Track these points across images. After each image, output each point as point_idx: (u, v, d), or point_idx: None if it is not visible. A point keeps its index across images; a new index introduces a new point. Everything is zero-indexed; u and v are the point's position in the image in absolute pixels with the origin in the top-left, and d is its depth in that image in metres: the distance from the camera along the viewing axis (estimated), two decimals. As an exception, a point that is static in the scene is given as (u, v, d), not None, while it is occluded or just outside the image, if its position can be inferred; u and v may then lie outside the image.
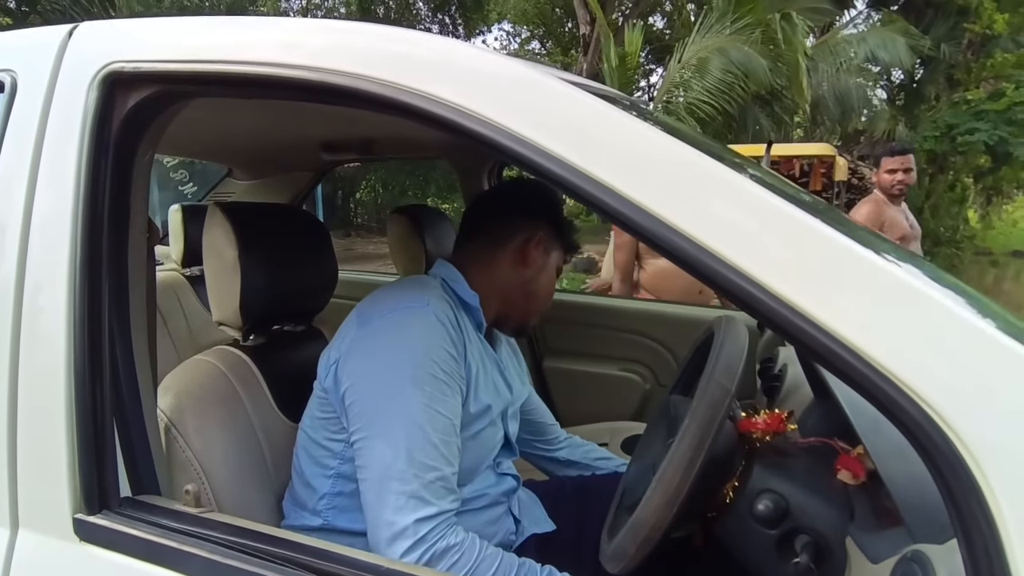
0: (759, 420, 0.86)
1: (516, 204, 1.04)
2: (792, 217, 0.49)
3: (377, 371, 0.82)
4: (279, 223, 1.07)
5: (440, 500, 0.78)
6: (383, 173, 13.68)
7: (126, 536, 0.60)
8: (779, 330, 0.47)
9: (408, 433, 0.79)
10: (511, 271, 1.00)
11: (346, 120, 1.39)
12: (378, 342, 0.84)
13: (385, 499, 0.77)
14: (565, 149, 0.52)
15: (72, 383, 0.63)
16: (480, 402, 0.92)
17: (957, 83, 12.30)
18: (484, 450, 0.96)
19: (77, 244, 0.65)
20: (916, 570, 0.56)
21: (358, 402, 0.83)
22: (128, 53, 0.69)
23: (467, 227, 1.05)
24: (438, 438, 0.80)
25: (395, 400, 0.80)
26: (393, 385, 0.81)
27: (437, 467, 0.79)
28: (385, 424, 0.80)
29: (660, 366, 1.95)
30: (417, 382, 0.80)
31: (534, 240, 1.00)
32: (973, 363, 0.43)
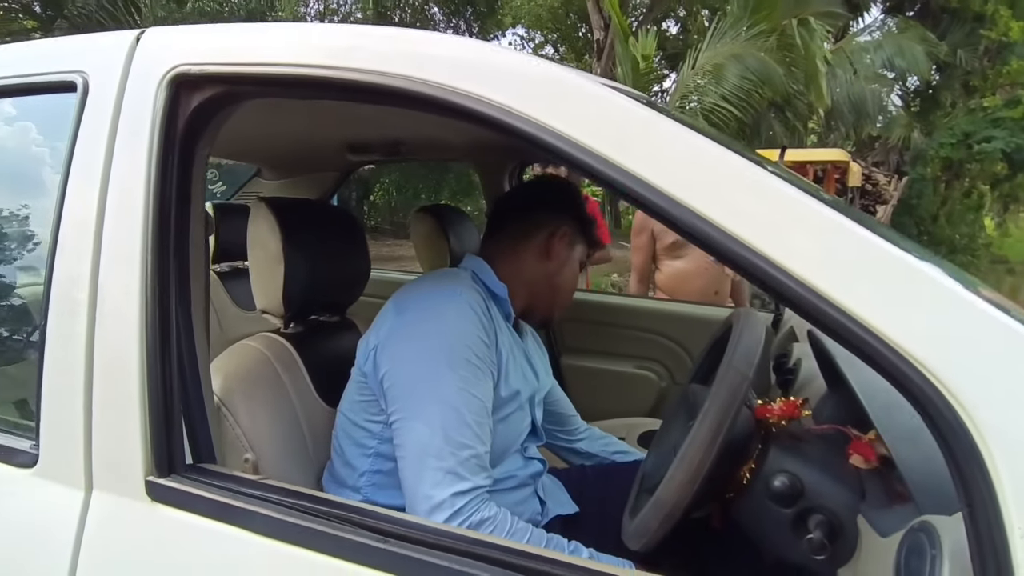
0: (775, 407, 0.91)
1: (540, 201, 1.09)
2: (818, 212, 0.53)
3: (414, 356, 0.88)
4: (319, 218, 1.13)
5: (474, 476, 0.83)
6: (397, 176, 13.80)
7: (195, 497, 0.66)
8: (808, 316, 0.51)
9: (443, 413, 0.83)
10: (537, 264, 1.05)
11: (373, 122, 1.44)
12: (415, 328, 0.90)
13: (423, 475, 0.82)
14: (609, 148, 0.57)
15: (144, 360, 0.69)
16: (510, 387, 0.97)
17: (973, 90, 12.23)
18: (513, 434, 1.01)
19: (148, 233, 0.71)
20: (923, 539, 0.60)
21: (396, 385, 0.88)
22: (194, 56, 0.75)
23: (494, 223, 1.11)
24: (472, 418, 0.85)
25: (431, 382, 0.85)
26: (429, 368, 0.86)
27: (471, 445, 0.84)
28: (422, 405, 0.85)
29: (676, 364, 1.99)
30: (452, 366, 0.85)
31: (558, 234, 1.05)
32: (982, 346, 0.47)
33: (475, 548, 0.58)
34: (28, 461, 0.73)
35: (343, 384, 1.12)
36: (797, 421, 0.89)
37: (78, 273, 0.73)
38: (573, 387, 2.10)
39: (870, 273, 0.51)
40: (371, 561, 0.58)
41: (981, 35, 11.28)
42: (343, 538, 0.59)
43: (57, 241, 0.75)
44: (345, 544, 0.59)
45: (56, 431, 0.72)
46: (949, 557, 0.55)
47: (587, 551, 0.89)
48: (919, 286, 0.50)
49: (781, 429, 0.89)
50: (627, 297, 2.29)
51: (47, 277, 0.75)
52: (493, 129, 0.63)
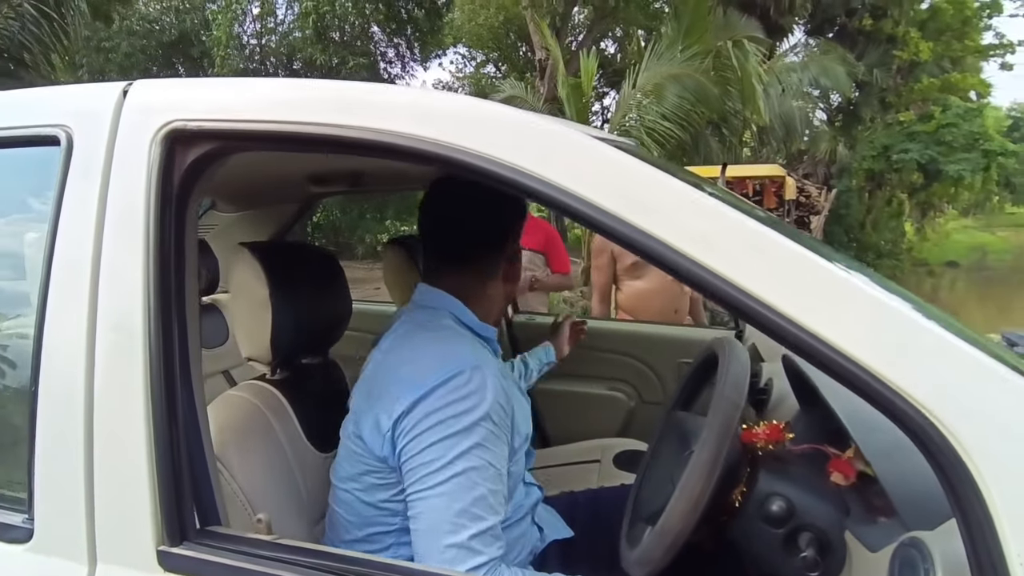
0: (759, 431, 0.96)
1: (478, 243, 1.02)
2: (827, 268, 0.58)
3: (436, 434, 0.84)
4: (302, 260, 1.13)
5: (488, 548, 0.82)
6: (341, 197, 13.60)
7: (211, 564, 0.65)
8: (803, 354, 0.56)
9: (460, 487, 0.82)
10: (501, 290, 1.05)
11: (335, 155, 1.44)
12: (434, 403, 0.85)
13: (436, 551, 0.81)
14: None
15: (151, 423, 0.67)
16: (521, 433, 0.97)
17: (889, 106, 13.16)
18: (522, 466, 1.04)
19: (150, 289, 0.70)
20: (914, 554, 0.65)
21: (412, 461, 0.85)
22: (189, 112, 0.74)
23: (444, 257, 1.04)
24: (488, 489, 0.83)
25: (449, 458, 0.83)
26: (448, 445, 0.83)
27: (486, 518, 0.82)
28: (439, 479, 0.82)
29: (643, 384, 2.06)
30: (471, 440, 0.83)
31: (510, 263, 1.05)
32: (956, 374, 0.53)
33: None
34: (22, 536, 0.70)
35: (330, 428, 1.11)
36: (781, 444, 0.95)
37: (72, 334, 0.71)
38: (544, 411, 2.13)
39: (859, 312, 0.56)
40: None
41: (894, 55, 12.19)
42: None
43: (47, 297, 0.72)
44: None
45: (53, 503, 0.69)
46: (941, 569, 0.60)
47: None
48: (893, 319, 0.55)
49: (766, 452, 0.94)
50: (594, 320, 2.34)
51: (36, 337, 0.72)
52: (489, 180, 0.66)
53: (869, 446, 0.78)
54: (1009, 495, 0.49)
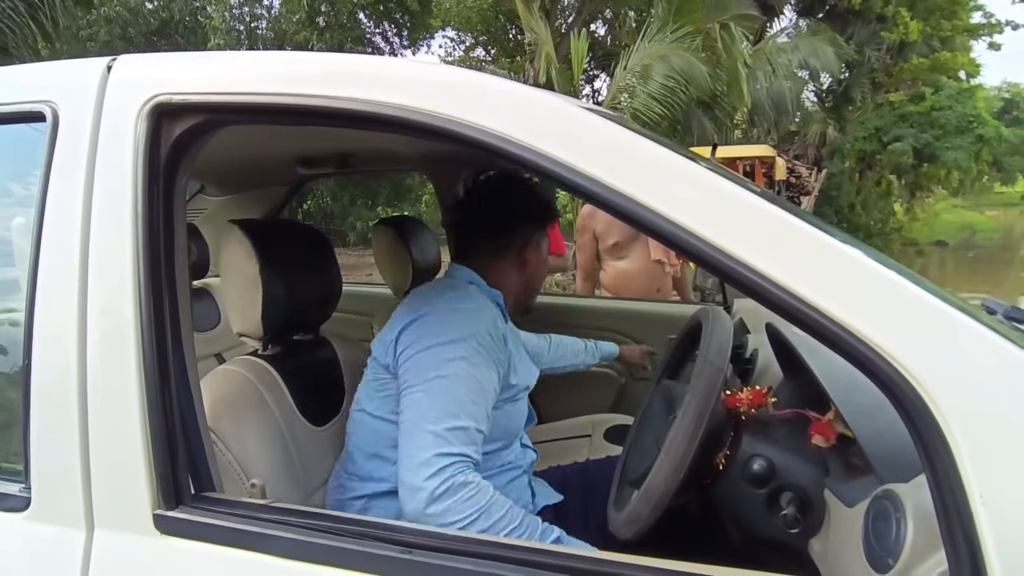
0: (743, 396, 0.98)
1: (498, 220, 1.15)
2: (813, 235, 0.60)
3: (429, 340, 0.96)
4: (292, 237, 1.14)
5: (462, 445, 0.89)
6: (332, 183, 13.52)
7: (208, 526, 0.66)
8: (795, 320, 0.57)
9: (445, 388, 0.92)
10: (513, 275, 1.16)
11: (324, 135, 1.44)
12: (434, 318, 0.99)
13: (415, 437, 0.89)
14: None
15: (144, 389, 0.68)
16: (518, 376, 1.09)
17: (880, 86, 13.16)
18: (519, 417, 1.13)
19: (140, 262, 0.71)
20: (887, 505, 0.68)
21: (408, 363, 0.96)
22: (174, 86, 0.75)
23: (464, 239, 1.18)
24: (469, 397, 0.92)
25: (440, 361, 0.94)
26: (440, 350, 0.95)
27: (463, 420, 0.90)
28: (426, 379, 0.93)
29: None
30: (460, 350, 0.94)
31: (529, 246, 1.15)
32: (935, 333, 0.55)
33: (499, 551, 0.61)
34: (19, 505, 0.71)
35: (324, 402, 1.13)
36: (764, 408, 0.97)
37: (64, 306, 0.72)
38: (536, 388, 2.16)
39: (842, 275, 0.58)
40: (398, 573, 0.60)
41: (884, 35, 12.17)
42: (368, 553, 0.61)
43: (37, 270, 0.73)
44: (370, 559, 0.61)
45: (50, 471, 0.71)
46: (912, 517, 0.63)
47: (556, 532, 0.94)
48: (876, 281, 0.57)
49: (750, 417, 0.97)
50: (584, 298, 2.37)
51: (27, 310, 0.73)
52: (482, 151, 0.67)
53: (848, 406, 0.80)
54: (972, 441, 0.51)
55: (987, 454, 0.51)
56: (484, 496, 0.88)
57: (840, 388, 0.83)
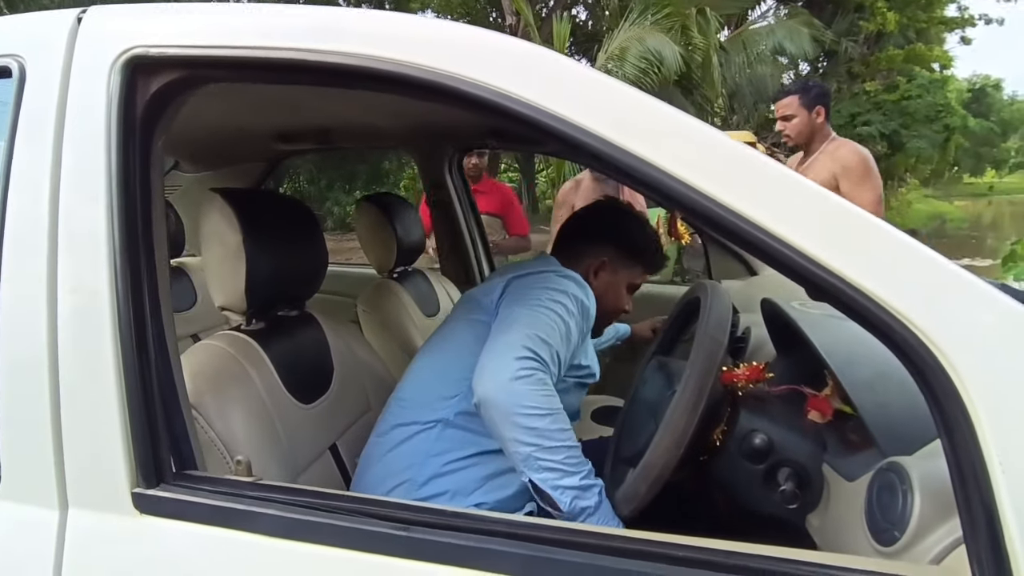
0: (740, 372, 0.97)
1: (583, 231, 1.24)
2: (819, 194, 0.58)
3: (537, 284, 1.04)
4: (276, 208, 1.09)
5: (549, 359, 0.92)
6: (309, 166, 13.27)
7: (190, 505, 0.63)
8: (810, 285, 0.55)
9: (542, 314, 0.96)
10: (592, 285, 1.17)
11: (303, 108, 1.39)
12: (543, 275, 1.07)
13: (509, 333, 0.93)
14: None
15: (121, 362, 0.64)
16: (589, 357, 1.16)
17: (856, 75, 13.31)
18: (576, 399, 1.18)
19: (115, 226, 0.66)
20: (892, 478, 0.67)
21: (510, 297, 1.03)
22: (150, 39, 0.70)
23: (558, 238, 1.26)
24: (559, 333, 0.96)
25: (542, 298, 0.99)
26: (545, 292, 1.01)
27: (552, 343, 0.94)
28: (528, 308, 0.98)
29: None
30: (563, 299, 1.00)
31: (595, 266, 1.19)
32: (951, 295, 0.53)
33: (498, 527, 0.59)
34: (-13, 484, 0.67)
35: (311, 379, 1.09)
36: (761, 384, 0.96)
37: (32, 270, 0.67)
38: None
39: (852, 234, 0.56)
40: (395, 550, 0.57)
41: (861, 25, 12.28)
42: (362, 530, 0.58)
43: (3, 237, 0.68)
44: (365, 537, 0.58)
45: (18, 447, 0.66)
46: (919, 490, 0.62)
47: (599, 483, 0.92)
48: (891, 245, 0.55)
49: (747, 393, 0.96)
50: None
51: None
52: (482, 112, 0.63)
53: (849, 379, 0.79)
54: (991, 405, 0.50)
55: (1006, 419, 0.50)
56: (557, 402, 0.89)
57: (841, 362, 0.82)
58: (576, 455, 0.88)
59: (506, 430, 0.86)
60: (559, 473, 0.86)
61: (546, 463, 0.86)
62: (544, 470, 0.86)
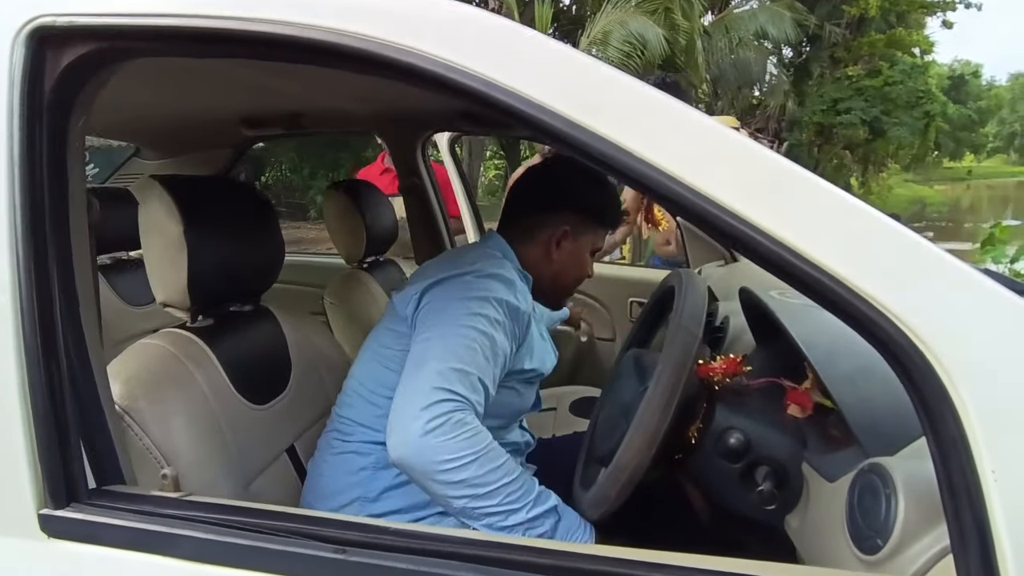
0: (716, 365, 0.92)
1: (536, 200, 1.10)
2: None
3: (455, 294, 0.92)
4: (221, 195, 1.01)
5: (466, 390, 0.83)
6: (292, 154, 13.05)
7: (104, 527, 0.56)
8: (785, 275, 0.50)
9: (459, 336, 0.87)
10: (541, 262, 1.08)
11: (269, 92, 1.31)
12: (463, 280, 0.95)
13: (419, 369, 0.84)
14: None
15: (24, 370, 0.57)
16: (534, 360, 1.04)
17: (839, 60, 13.33)
18: (526, 400, 1.08)
19: (17, 217, 0.59)
20: (875, 480, 0.62)
21: (427, 312, 0.93)
22: (59, 5, 0.62)
23: (505, 212, 1.12)
24: (481, 352, 0.87)
25: (460, 314, 0.89)
26: (464, 304, 0.90)
27: (471, 370, 0.84)
28: (443, 326, 0.89)
29: (594, 319, 2.06)
30: (483, 308, 0.90)
31: (557, 235, 1.06)
32: (939, 286, 0.48)
33: (444, 547, 0.53)
34: None
35: (266, 378, 1.02)
36: (739, 377, 0.91)
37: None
38: None
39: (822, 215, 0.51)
40: (330, 575, 0.52)
41: (844, 10, 12.27)
42: (294, 553, 0.52)
43: None
44: (297, 560, 0.52)
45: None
46: (903, 493, 0.58)
47: (554, 499, 0.86)
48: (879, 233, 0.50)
49: (724, 387, 0.91)
50: None
51: None
52: (430, 87, 0.57)
53: (829, 374, 0.75)
54: (985, 411, 0.45)
55: (1000, 422, 0.45)
56: (481, 441, 0.79)
57: (821, 355, 0.77)
58: (515, 490, 0.81)
59: (431, 488, 0.79)
60: (502, 515, 0.79)
61: (484, 510, 0.79)
62: (485, 516, 0.79)
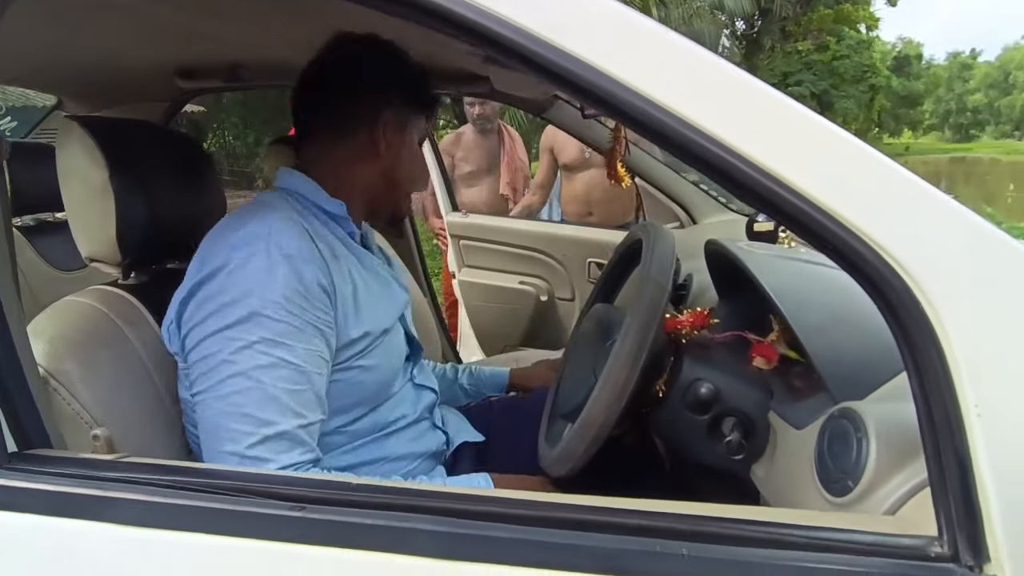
0: (684, 318, 0.91)
1: (344, 87, 0.85)
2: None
3: (212, 321, 0.72)
4: (151, 139, 0.92)
5: (280, 454, 0.69)
6: (236, 119, 12.48)
7: (28, 492, 0.50)
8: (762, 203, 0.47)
9: (240, 389, 0.69)
10: (366, 167, 0.87)
11: (209, 40, 1.21)
12: (213, 288, 0.73)
13: (221, 453, 0.69)
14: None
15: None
16: (367, 322, 0.82)
17: (789, 35, 13.57)
18: (387, 368, 0.87)
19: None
20: (845, 424, 0.62)
21: (194, 354, 0.73)
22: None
23: (300, 125, 0.89)
24: (281, 389, 0.70)
25: (229, 353, 0.70)
26: (229, 337, 0.70)
27: (277, 422, 0.69)
28: (218, 378, 0.70)
29: (553, 277, 2.09)
30: (253, 330, 0.70)
31: (379, 128, 0.85)
32: (925, 218, 0.46)
33: (409, 499, 0.49)
34: None
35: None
36: (705, 331, 0.90)
37: None
38: (465, 298, 2.21)
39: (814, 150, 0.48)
40: (289, 534, 0.47)
41: (794, -18, 12.46)
42: (248, 513, 0.48)
43: None
44: (252, 520, 0.47)
45: None
46: (875, 436, 0.57)
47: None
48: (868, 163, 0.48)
49: (690, 340, 0.90)
50: (505, 219, 2.32)
51: None
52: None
53: (799, 323, 0.74)
54: (969, 343, 0.44)
55: (986, 358, 0.44)
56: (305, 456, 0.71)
57: (791, 305, 0.76)
58: None
59: None
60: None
61: None
62: None
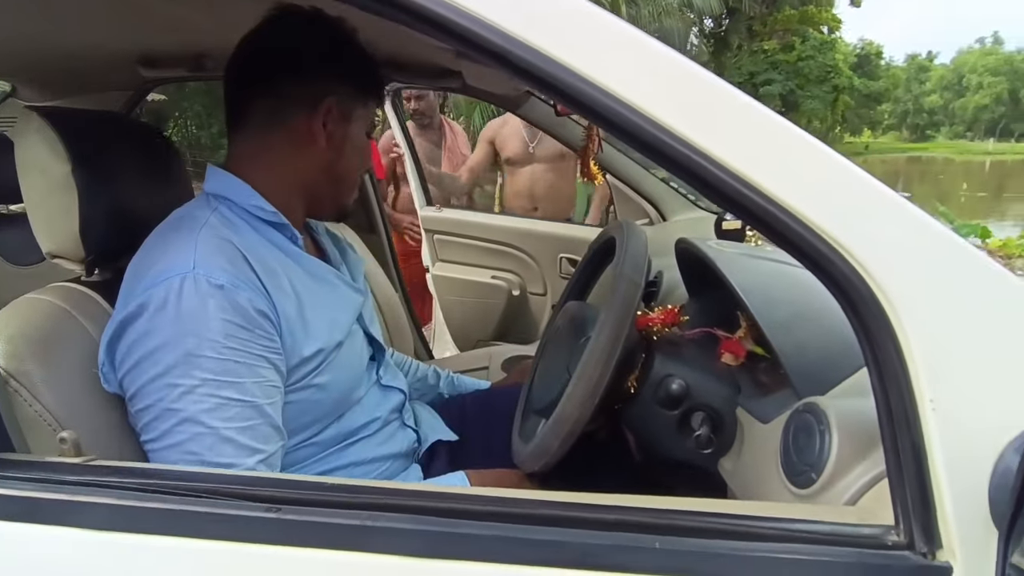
0: (655, 315, 0.93)
1: (281, 63, 0.77)
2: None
3: (146, 367, 0.67)
4: (114, 130, 0.90)
5: (255, 449, 0.67)
6: (198, 108, 12.14)
7: (-10, 498, 0.49)
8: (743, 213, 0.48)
9: (191, 436, 0.65)
10: (304, 161, 0.80)
11: (173, 28, 1.18)
12: (140, 329, 0.67)
13: None
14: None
15: None
16: (319, 338, 0.77)
17: (755, 34, 13.83)
18: (347, 375, 0.84)
19: None
20: (809, 418, 0.64)
21: (133, 403, 0.69)
22: None
23: (232, 108, 0.80)
24: (234, 429, 0.67)
25: (169, 401, 0.66)
26: (165, 383, 0.66)
27: (233, 464, 0.66)
28: (165, 427, 0.66)
29: (525, 272, 2.11)
30: (193, 373, 0.66)
31: (319, 115, 0.77)
32: (886, 222, 0.48)
33: (386, 499, 0.50)
34: None
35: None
36: (675, 328, 0.92)
37: None
38: (439, 292, 2.23)
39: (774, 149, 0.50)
40: (264, 537, 0.47)
41: (761, -17, 12.69)
42: (222, 515, 0.47)
43: None
44: (226, 522, 0.47)
45: None
46: (837, 429, 0.60)
47: None
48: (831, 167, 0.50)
49: (661, 337, 0.91)
50: (480, 213, 2.33)
51: None
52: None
53: (766, 320, 0.76)
54: (925, 340, 0.46)
55: (941, 355, 0.46)
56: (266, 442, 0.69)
57: (759, 302, 0.78)
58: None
59: None
60: None
61: None
62: None
